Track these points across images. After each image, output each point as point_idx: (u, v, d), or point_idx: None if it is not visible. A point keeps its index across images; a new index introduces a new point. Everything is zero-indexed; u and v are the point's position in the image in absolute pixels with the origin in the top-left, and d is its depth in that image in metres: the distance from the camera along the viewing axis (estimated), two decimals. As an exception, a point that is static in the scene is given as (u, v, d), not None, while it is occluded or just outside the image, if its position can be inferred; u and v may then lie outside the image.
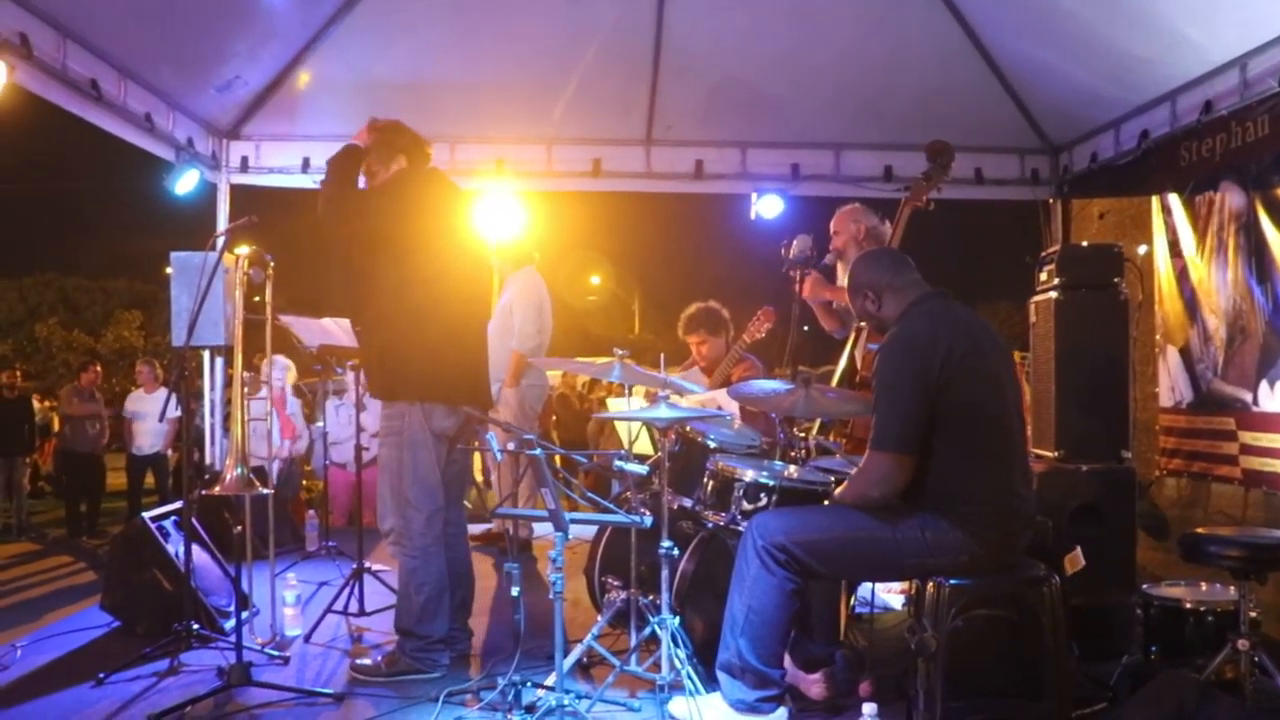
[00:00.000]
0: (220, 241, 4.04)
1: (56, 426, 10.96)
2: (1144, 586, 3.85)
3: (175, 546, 4.51)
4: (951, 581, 3.09)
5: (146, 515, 4.61)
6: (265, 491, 4.24)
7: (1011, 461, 3.23)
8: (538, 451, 2.81)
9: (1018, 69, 6.83)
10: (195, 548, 4.37)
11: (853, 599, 4.13)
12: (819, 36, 6.68)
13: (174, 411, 10.68)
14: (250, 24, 6.42)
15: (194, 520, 4.47)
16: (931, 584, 3.13)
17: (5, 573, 8.48)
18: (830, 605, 3.71)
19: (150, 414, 10.29)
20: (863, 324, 4.81)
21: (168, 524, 4.67)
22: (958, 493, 3.14)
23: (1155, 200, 7.20)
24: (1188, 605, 3.67)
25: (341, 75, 6.98)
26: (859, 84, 7.02)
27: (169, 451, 10.84)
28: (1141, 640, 3.81)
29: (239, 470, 3.95)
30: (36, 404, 13.39)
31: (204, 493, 4.42)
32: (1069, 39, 6.07)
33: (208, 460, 7.53)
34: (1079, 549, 3.58)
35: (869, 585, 4.27)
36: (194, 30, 6.10)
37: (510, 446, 3.09)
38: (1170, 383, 7.13)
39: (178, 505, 4.62)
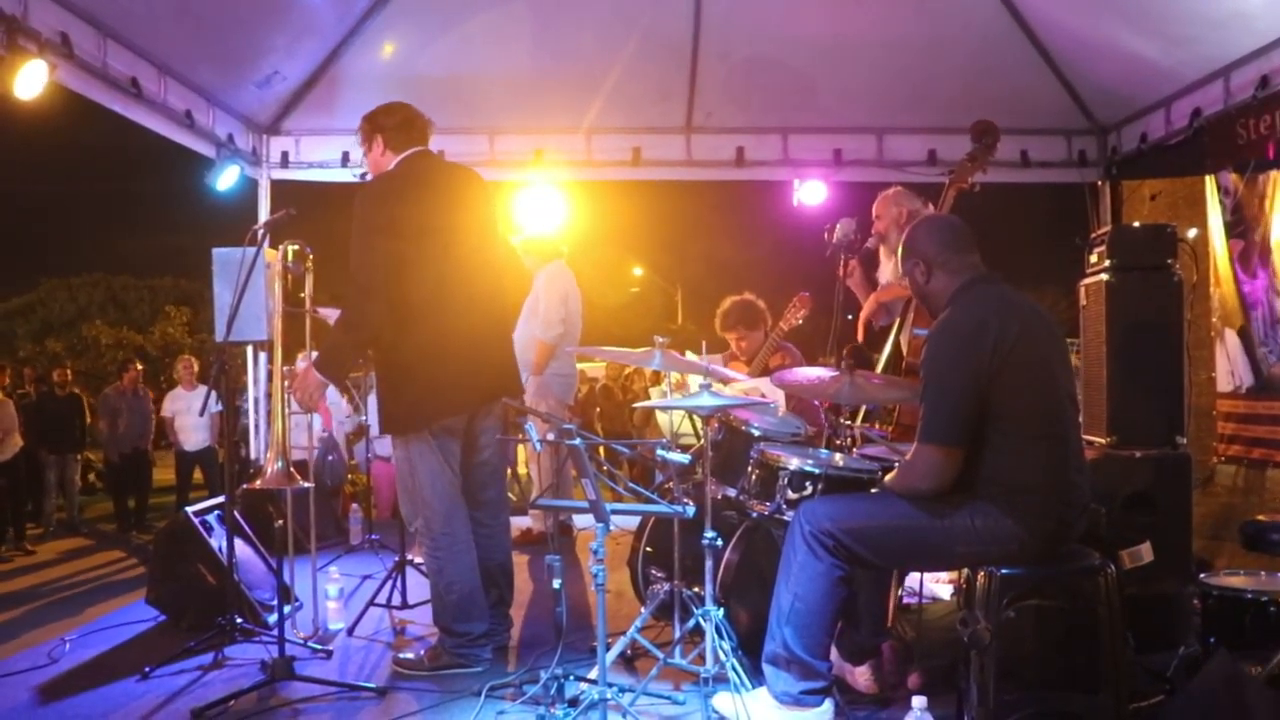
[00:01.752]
0: (259, 235, 4.01)
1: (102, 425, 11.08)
2: (1202, 576, 3.73)
3: (218, 541, 4.52)
4: (1003, 571, 3.00)
5: (190, 509, 4.63)
6: (306, 485, 4.24)
7: (1066, 448, 3.12)
8: (577, 441, 2.77)
9: (1064, 48, 6.68)
10: (238, 541, 4.39)
11: (900, 589, 4.04)
12: (860, 19, 6.57)
13: (215, 406, 10.95)
14: (287, 19, 6.45)
15: (237, 514, 4.48)
16: (982, 573, 3.04)
17: (58, 568, 8.62)
18: (878, 595, 3.63)
19: (191, 410, 10.40)
20: (908, 309, 4.71)
21: (211, 518, 4.69)
22: (1010, 480, 3.04)
23: (1210, 180, 7.01)
24: (1248, 595, 3.54)
25: (379, 69, 6.99)
26: (901, 67, 6.90)
27: (217, 446, 10.95)
28: (1200, 631, 3.68)
29: (279, 464, 3.96)
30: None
31: (246, 487, 4.41)
32: (1117, 16, 5.93)
33: (252, 455, 7.60)
34: (1148, 543, 3.46)
35: (916, 575, 4.20)
36: (232, 27, 6.13)
37: (550, 436, 3.06)
38: (1229, 367, 6.93)
39: (220, 500, 4.62)
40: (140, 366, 12.26)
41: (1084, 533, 3.23)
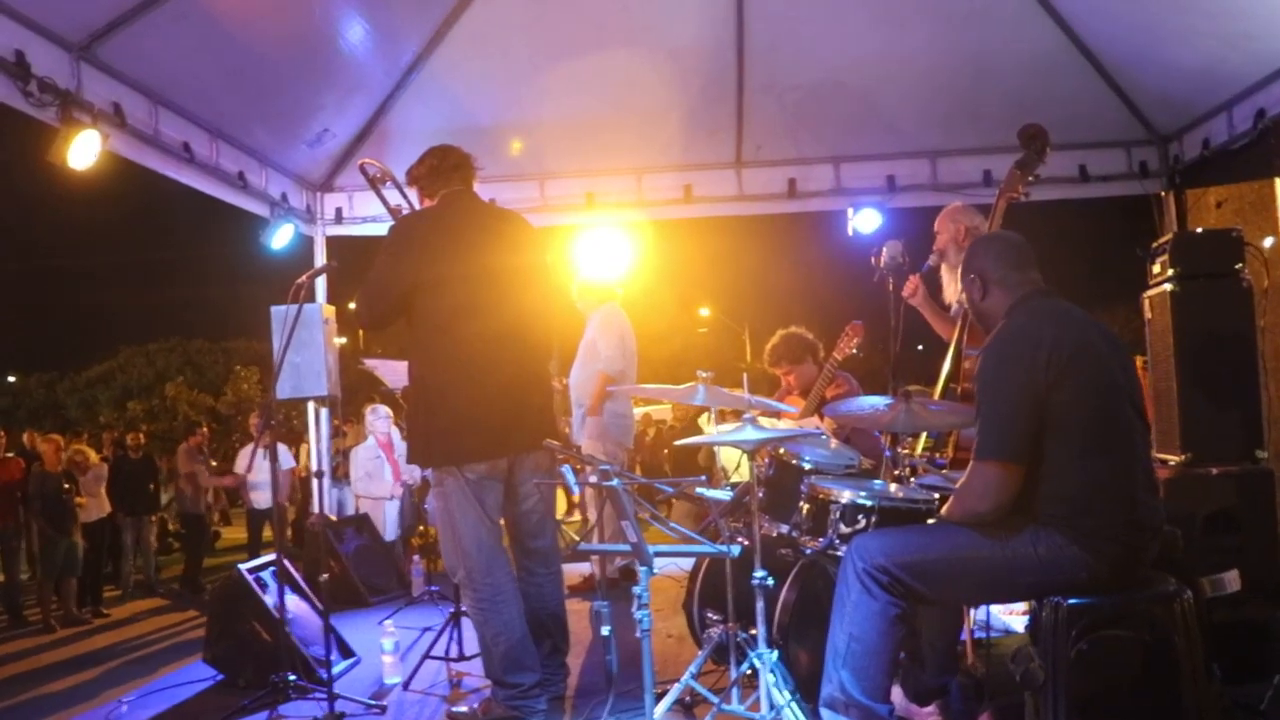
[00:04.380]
0: (301, 290, 4.02)
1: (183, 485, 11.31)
2: (1293, 599, 3.52)
3: (273, 598, 4.51)
4: (1070, 601, 2.83)
5: (243, 566, 4.64)
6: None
7: (1133, 467, 2.94)
8: (616, 483, 2.69)
9: (1116, 58, 6.51)
10: (294, 598, 4.38)
11: (970, 623, 3.87)
12: (906, 41, 6.47)
13: (289, 463, 11.10)
14: (335, 78, 6.55)
15: (292, 569, 4.46)
16: (1048, 605, 2.87)
17: (133, 628, 8.73)
18: (945, 632, 3.47)
19: (262, 467, 10.51)
20: (965, 324, 4.56)
21: (266, 575, 4.68)
22: (1074, 503, 2.86)
23: (1278, 182, 6.75)
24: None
25: (427, 122, 7.04)
26: (951, 88, 6.78)
27: (287, 503, 11.07)
28: (1294, 658, 3.48)
29: None
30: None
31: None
32: (1169, 21, 5.76)
33: (315, 509, 7.63)
34: (1235, 571, 3.26)
35: (985, 607, 4.02)
36: (281, 89, 6.25)
37: (591, 479, 2.98)
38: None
39: (273, 556, 4.61)
40: (205, 428, 12.46)
41: (1159, 557, 3.05)
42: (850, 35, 6.50)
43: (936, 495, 3.40)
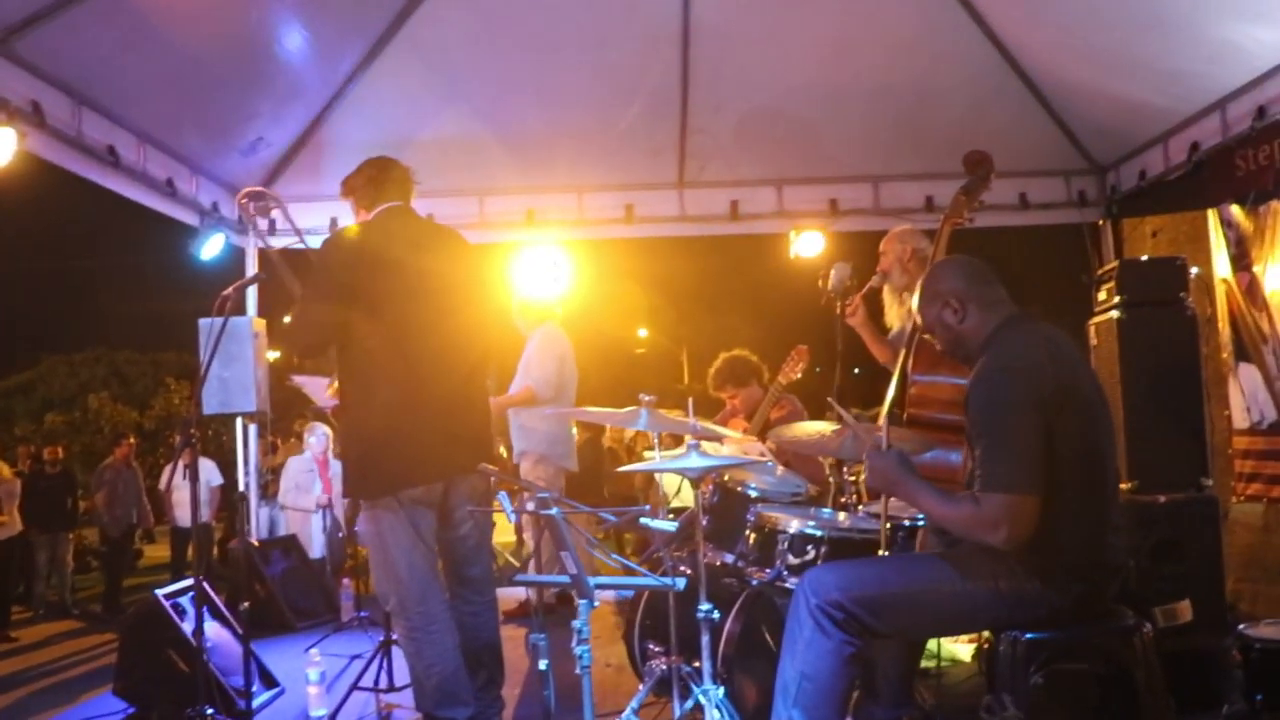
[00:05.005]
0: (241, 302, 3.85)
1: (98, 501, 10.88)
2: (1241, 627, 3.48)
3: (193, 624, 4.28)
4: (1027, 636, 2.76)
5: (160, 591, 4.41)
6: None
7: (1105, 507, 2.86)
8: (555, 511, 2.56)
9: (1058, 89, 6.59)
10: (214, 624, 4.16)
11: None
12: (852, 67, 6.48)
13: (216, 479, 10.78)
14: (271, 85, 6.36)
15: (214, 594, 4.25)
16: (1005, 639, 2.80)
17: (45, 651, 8.36)
18: (901, 663, 3.37)
19: (187, 484, 10.17)
20: (911, 349, 4.49)
21: (184, 600, 4.46)
22: (1043, 540, 2.74)
23: (1212, 214, 6.87)
24: (1293, 648, 3.31)
25: (365, 133, 6.86)
26: (896, 113, 6.80)
27: (214, 522, 10.74)
28: (1244, 687, 3.44)
29: None
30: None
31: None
32: (1109, 55, 5.84)
33: (252, 533, 7.37)
34: (1187, 601, 3.23)
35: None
36: (214, 93, 6.04)
37: (529, 506, 2.85)
38: (1245, 403, 6.71)
39: (190, 581, 4.39)
40: (132, 440, 12.05)
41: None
42: (795, 59, 6.49)
43: (888, 524, 3.32)
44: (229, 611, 4.65)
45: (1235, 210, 6.63)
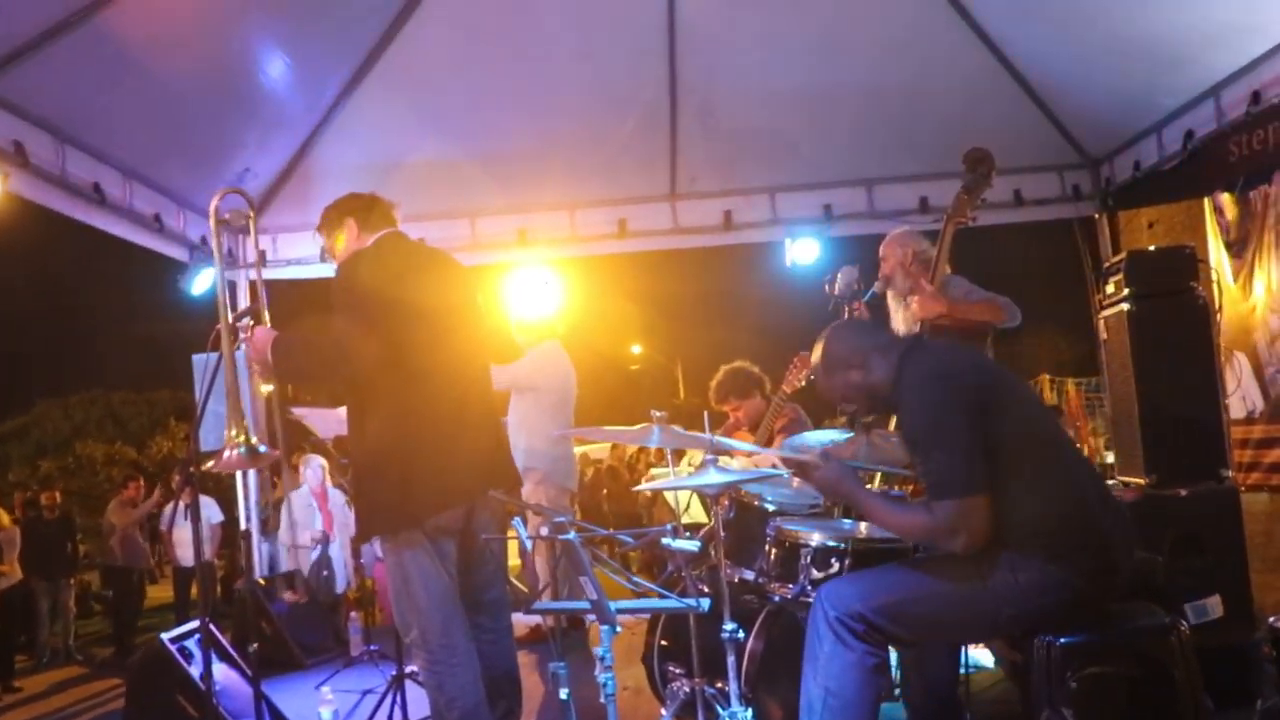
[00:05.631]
0: (219, 337, 3.75)
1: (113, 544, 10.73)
2: (1272, 620, 3.40)
3: (199, 667, 4.19)
4: (1061, 640, 2.69)
5: (165, 636, 4.31)
6: (264, 450, 3.74)
7: (1079, 480, 2.90)
8: (572, 535, 2.48)
9: (1049, 84, 6.54)
10: (221, 666, 4.07)
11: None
12: (840, 70, 6.42)
13: (217, 516, 10.66)
14: (255, 114, 6.30)
15: (220, 636, 4.16)
16: (1039, 644, 2.73)
17: (52, 700, 8.24)
18: (945, 672, 3.31)
19: (187, 524, 10.08)
20: None
21: (190, 643, 4.36)
22: (1036, 525, 2.77)
23: (1207, 202, 6.83)
24: (1328, 641, 3.22)
25: (353, 159, 6.81)
26: (886, 115, 6.74)
27: (216, 560, 10.63)
28: (1276, 681, 3.36)
29: (241, 446, 3.49)
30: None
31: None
32: (1099, 46, 5.79)
33: (257, 570, 7.27)
34: (1217, 596, 3.16)
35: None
36: (199, 127, 5.98)
37: (544, 531, 2.77)
38: (1241, 392, 6.67)
39: (196, 624, 4.29)
40: (140, 480, 11.93)
41: (1141, 585, 2.93)
42: (782, 65, 6.43)
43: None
44: (236, 652, 4.56)
45: (1225, 197, 6.61)
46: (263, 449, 3.68)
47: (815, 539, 3.21)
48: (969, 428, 2.78)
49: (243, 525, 7.14)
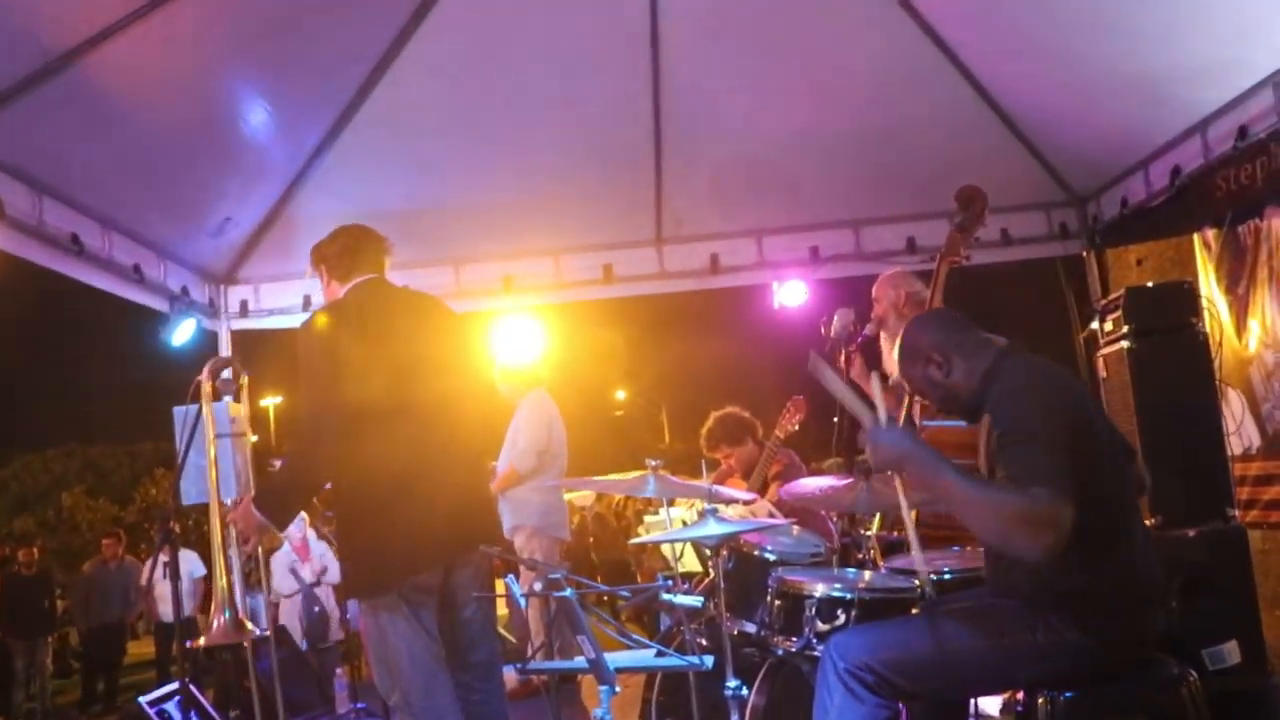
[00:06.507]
0: (200, 388, 3.66)
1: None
2: (1289, 666, 3.33)
3: (180, 732, 4.05)
4: (1065, 695, 2.58)
5: (144, 699, 4.16)
6: (259, 632, 3.75)
7: (1136, 537, 2.72)
8: (568, 593, 2.37)
9: (1035, 122, 6.54)
10: (203, 729, 3.91)
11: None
12: (825, 111, 6.40)
13: (199, 571, 10.45)
14: (237, 163, 6.23)
15: (201, 696, 4.01)
16: (1042, 699, 2.63)
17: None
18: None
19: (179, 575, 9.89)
20: (913, 403, 4.35)
21: (170, 706, 4.21)
22: (1076, 582, 2.61)
23: (1197, 238, 6.82)
24: (1348, 686, 3.14)
25: (335, 206, 6.68)
26: (872, 156, 6.72)
27: (198, 615, 10.41)
28: (1293, 728, 3.28)
29: (226, 615, 3.49)
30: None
31: (189, 644, 3.94)
32: (1085, 83, 5.79)
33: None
34: (1234, 642, 3.06)
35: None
36: (179, 177, 5.90)
37: (536, 587, 2.66)
38: (1236, 428, 6.61)
39: (176, 685, 4.15)
40: (121, 535, 11.71)
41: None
42: (769, 106, 6.41)
43: (916, 581, 3.14)
44: (217, 713, 4.41)
45: (1212, 233, 6.60)
46: (248, 624, 3.79)
47: (820, 590, 3.11)
48: (1068, 443, 2.53)
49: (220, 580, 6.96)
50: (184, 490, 4.86)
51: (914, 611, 2.99)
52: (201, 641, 3.65)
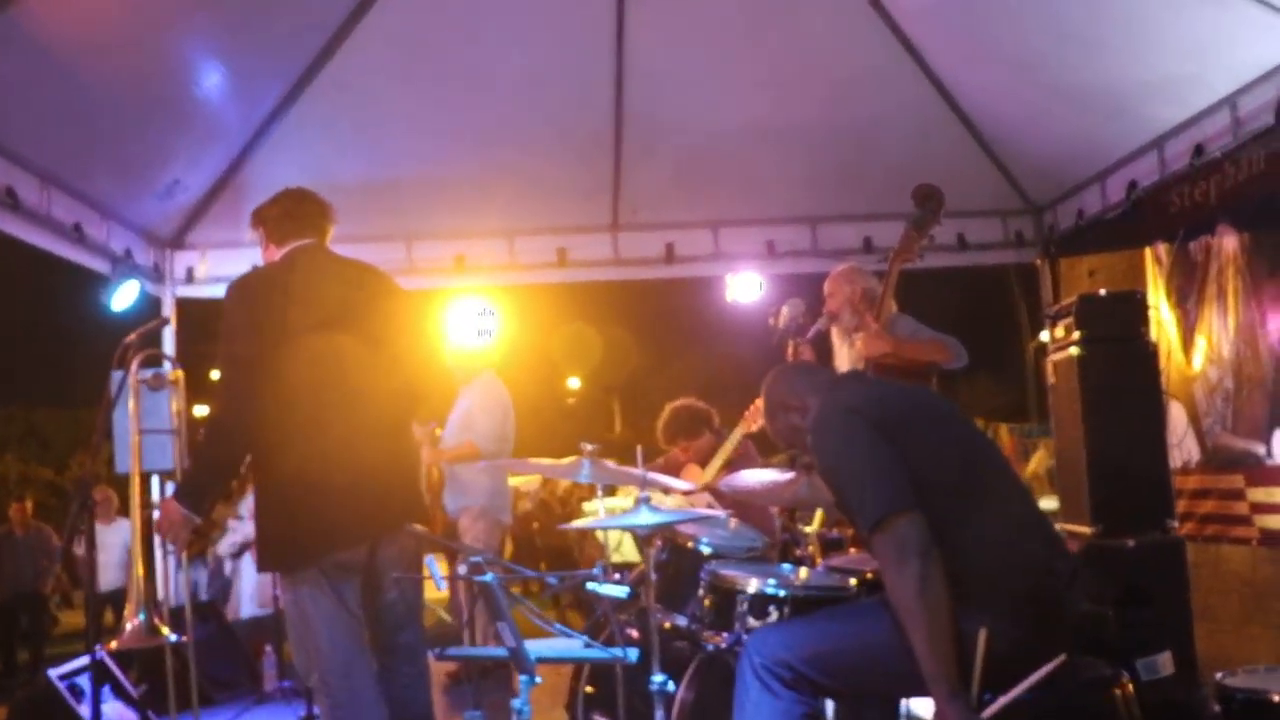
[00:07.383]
0: (128, 352, 3.53)
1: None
2: (1219, 676, 3.30)
3: (91, 707, 3.90)
4: (997, 700, 2.55)
5: (54, 671, 4.02)
6: (173, 638, 3.64)
7: (1011, 516, 2.72)
8: (490, 577, 2.30)
9: (996, 129, 6.57)
10: (118, 705, 3.79)
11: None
12: (788, 107, 6.37)
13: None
14: (188, 125, 6.04)
15: (119, 672, 3.89)
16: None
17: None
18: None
19: (110, 545, 9.71)
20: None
21: (81, 680, 4.06)
22: (973, 571, 2.59)
23: (1149, 252, 6.88)
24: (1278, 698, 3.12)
25: (288, 175, 6.47)
26: (833, 154, 6.71)
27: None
28: (1224, 740, 3.26)
29: (141, 616, 3.38)
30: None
31: (100, 649, 3.81)
32: (1047, 94, 5.82)
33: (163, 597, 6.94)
34: (1169, 653, 3.05)
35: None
36: (126, 134, 5.70)
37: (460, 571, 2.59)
38: (1176, 441, 6.68)
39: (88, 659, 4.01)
40: (28, 503, 11.38)
41: (1088, 639, 2.80)
42: (731, 99, 6.37)
43: (852, 580, 3.10)
44: (134, 688, 4.27)
45: (1163, 247, 6.66)
46: (164, 629, 3.66)
47: (752, 586, 3.05)
48: (883, 452, 2.63)
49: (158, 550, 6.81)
50: (119, 459, 4.73)
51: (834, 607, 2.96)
52: (114, 645, 3.51)
